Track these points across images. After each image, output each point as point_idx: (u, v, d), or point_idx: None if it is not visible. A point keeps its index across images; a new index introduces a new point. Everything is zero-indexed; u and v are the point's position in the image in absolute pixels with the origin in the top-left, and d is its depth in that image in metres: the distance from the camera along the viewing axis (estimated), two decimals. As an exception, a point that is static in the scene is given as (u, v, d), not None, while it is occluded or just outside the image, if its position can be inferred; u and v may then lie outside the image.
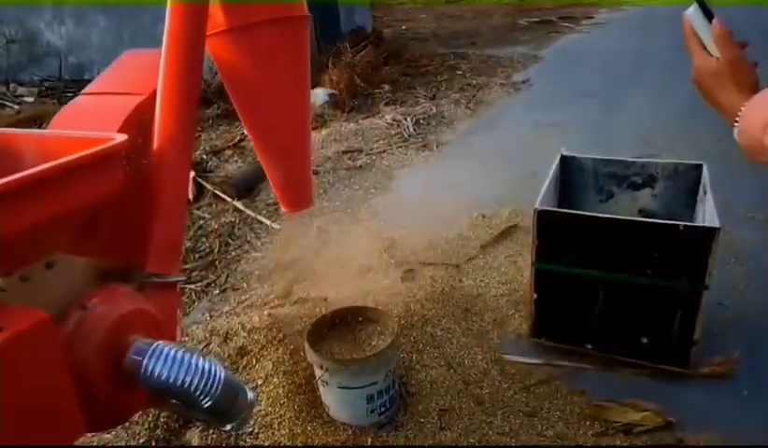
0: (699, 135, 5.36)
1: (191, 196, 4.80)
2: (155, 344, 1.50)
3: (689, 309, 2.32)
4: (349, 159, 5.70)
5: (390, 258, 3.68)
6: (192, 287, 3.68)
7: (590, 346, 2.62)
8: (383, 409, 2.31)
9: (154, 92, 1.68)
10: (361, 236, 4.08)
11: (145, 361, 1.46)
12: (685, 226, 2.21)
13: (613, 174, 2.93)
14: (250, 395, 1.62)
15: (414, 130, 6.39)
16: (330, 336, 2.43)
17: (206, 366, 1.49)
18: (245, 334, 2.73)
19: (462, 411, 2.39)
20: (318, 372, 2.28)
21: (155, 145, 1.62)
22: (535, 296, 2.62)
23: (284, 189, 2.13)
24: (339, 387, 2.23)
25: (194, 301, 3.54)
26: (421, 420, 2.36)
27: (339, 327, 2.47)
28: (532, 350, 2.76)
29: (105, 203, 1.54)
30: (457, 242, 3.91)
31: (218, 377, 1.48)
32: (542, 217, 2.44)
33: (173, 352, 1.47)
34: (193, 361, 1.47)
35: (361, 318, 2.50)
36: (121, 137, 1.48)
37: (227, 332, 2.82)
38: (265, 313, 2.78)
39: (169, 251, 1.65)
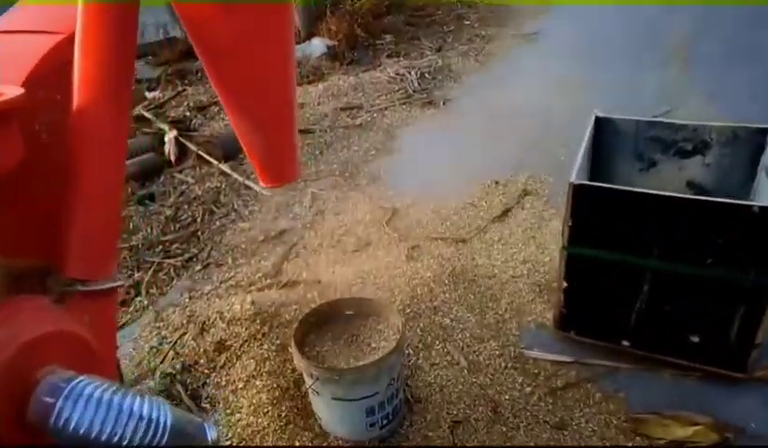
0: (732, 89, 4.87)
1: (172, 158, 4.36)
2: (75, 380, 1.09)
3: (755, 306, 1.93)
4: (348, 116, 5.21)
5: (392, 231, 3.26)
6: (172, 261, 3.28)
7: (627, 343, 2.23)
8: (385, 421, 1.94)
9: (78, 30, 1.22)
10: (359, 204, 3.66)
11: (59, 404, 1.05)
12: (761, 208, 1.78)
13: (657, 138, 2.48)
14: (212, 434, 1.23)
15: (418, 84, 5.88)
16: (322, 333, 2.04)
17: (146, 410, 1.08)
18: (224, 326, 2.34)
19: (479, 422, 2.03)
20: (308, 380, 1.90)
21: (76, 102, 1.18)
22: (566, 284, 2.22)
23: (264, 161, 1.69)
24: (333, 399, 1.85)
25: (173, 279, 3.15)
26: (430, 434, 1.99)
27: (333, 321, 2.08)
28: (557, 345, 2.38)
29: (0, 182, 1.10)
30: (467, 212, 3.49)
31: (162, 425, 1.08)
32: (579, 192, 2.01)
33: (98, 392, 1.07)
34: (127, 405, 1.07)
35: (359, 312, 2.10)
36: (16, 91, 1.04)
37: (204, 323, 2.43)
38: (248, 299, 2.39)
39: (99, 247, 1.23)
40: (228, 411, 2.10)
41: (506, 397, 2.14)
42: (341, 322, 2.08)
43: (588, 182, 2.01)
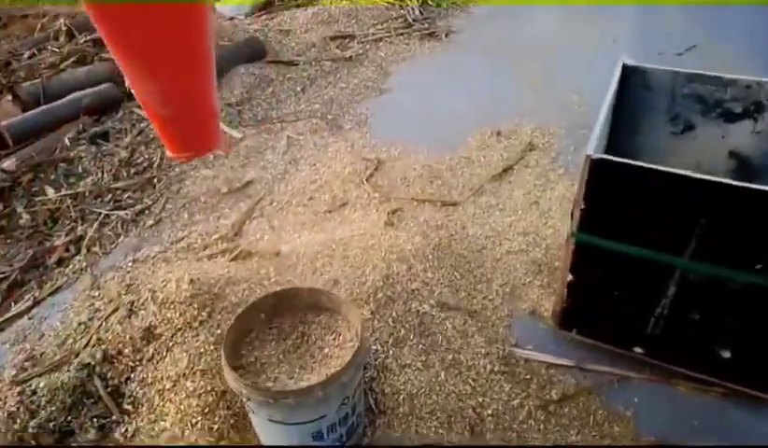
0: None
1: (127, 88, 3.84)
2: None
3: (810, 324, 1.52)
4: (338, 47, 4.63)
5: (373, 189, 2.82)
6: (121, 214, 2.87)
7: (640, 351, 1.85)
8: (337, 444, 1.58)
9: None
10: (340, 154, 3.19)
11: None
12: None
13: (698, 96, 1.99)
14: None
15: (420, 13, 5.23)
16: (266, 331, 1.65)
17: None
18: (155, 308, 1.94)
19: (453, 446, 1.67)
20: (243, 398, 1.52)
21: None
22: (571, 277, 1.81)
23: (168, 125, 1.24)
24: (271, 421, 1.49)
25: (119, 236, 2.74)
26: (393, 459, 1.64)
27: (281, 316, 1.69)
28: (554, 344, 2.00)
29: None
30: (462, 168, 3.03)
31: None
32: (597, 169, 1.56)
33: None
34: None
35: (313, 304, 1.70)
36: None
37: (133, 302, 2.03)
38: (186, 278, 1.99)
39: None
40: (152, 416, 1.74)
41: (489, 411, 1.77)
42: (290, 317, 1.68)
43: (610, 157, 1.54)
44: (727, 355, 1.69)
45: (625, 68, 2.03)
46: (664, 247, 1.60)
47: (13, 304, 2.40)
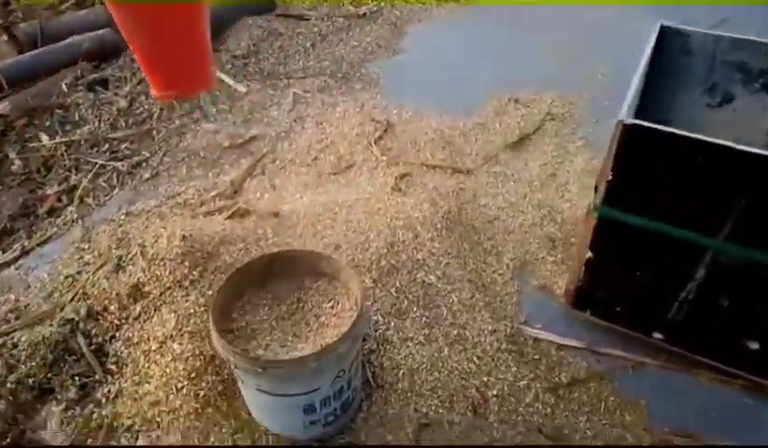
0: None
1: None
2: None
3: None
4: (351, 3, 4.41)
5: (381, 152, 2.67)
6: (117, 165, 2.74)
7: (659, 336, 1.73)
8: (331, 418, 1.48)
9: None
10: (348, 114, 3.03)
11: None
12: None
13: (740, 64, 1.82)
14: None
15: (439, -29, 4.98)
16: (260, 294, 1.54)
17: None
18: (144, 264, 1.83)
19: (453, 426, 1.56)
20: (230, 365, 1.41)
21: None
22: (590, 255, 1.67)
23: (158, 64, 1.13)
24: (259, 390, 1.38)
25: (114, 188, 2.62)
26: (389, 437, 1.54)
27: (277, 279, 1.57)
28: (566, 324, 1.88)
29: None
30: (476, 135, 2.87)
31: None
32: (629, 135, 1.41)
33: None
34: None
35: (312, 269, 1.58)
36: None
37: (121, 257, 1.92)
38: (178, 233, 1.86)
39: None
40: (136, 378, 1.64)
41: (494, 391, 1.66)
42: (286, 281, 1.56)
43: (644, 123, 1.39)
44: (755, 346, 1.57)
45: (662, 30, 1.86)
46: (697, 226, 1.46)
47: (1, 253, 2.30)
